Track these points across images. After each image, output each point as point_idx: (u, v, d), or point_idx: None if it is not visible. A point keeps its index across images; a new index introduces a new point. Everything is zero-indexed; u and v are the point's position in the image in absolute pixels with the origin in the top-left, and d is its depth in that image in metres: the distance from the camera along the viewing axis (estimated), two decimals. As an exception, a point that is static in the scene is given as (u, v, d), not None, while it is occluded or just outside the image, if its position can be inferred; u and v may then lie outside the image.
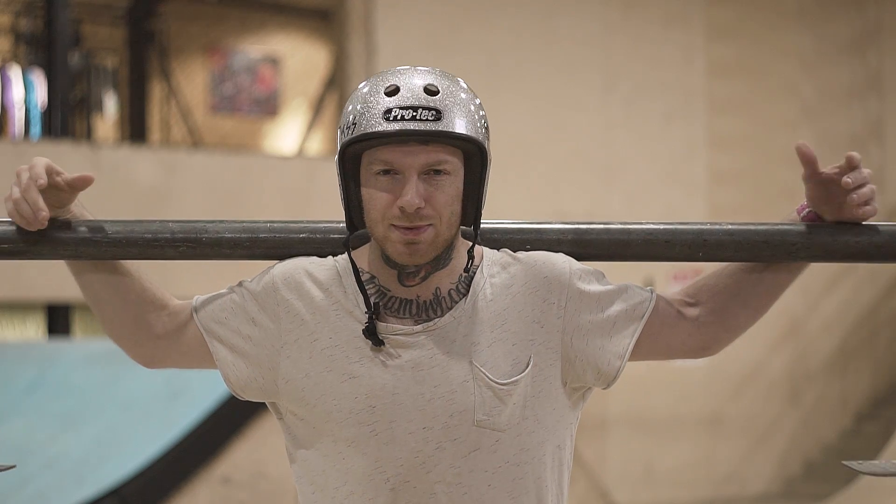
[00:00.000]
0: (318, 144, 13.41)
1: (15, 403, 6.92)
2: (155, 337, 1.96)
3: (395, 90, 1.82)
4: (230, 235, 1.99)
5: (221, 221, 2.00)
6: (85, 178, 1.85)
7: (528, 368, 1.89)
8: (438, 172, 1.84)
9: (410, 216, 1.82)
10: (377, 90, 1.83)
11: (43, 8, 10.88)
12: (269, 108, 14.45)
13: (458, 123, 1.82)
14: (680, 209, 11.38)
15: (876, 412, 12.14)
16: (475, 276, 1.91)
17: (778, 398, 12.02)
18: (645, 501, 11.22)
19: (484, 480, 1.86)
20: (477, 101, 1.88)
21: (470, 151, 1.86)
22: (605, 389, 1.97)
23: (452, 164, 1.84)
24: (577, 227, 2.02)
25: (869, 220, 1.95)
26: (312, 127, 13.45)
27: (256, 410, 5.85)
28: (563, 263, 1.95)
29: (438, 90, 1.82)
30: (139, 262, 1.98)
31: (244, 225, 2.00)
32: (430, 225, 1.84)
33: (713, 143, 11.87)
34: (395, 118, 1.80)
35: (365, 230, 1.90)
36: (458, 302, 1.90)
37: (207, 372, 2.03)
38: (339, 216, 2.06)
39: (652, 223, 2.02)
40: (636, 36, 11.59)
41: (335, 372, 1.88)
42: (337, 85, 11.68)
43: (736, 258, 1.99)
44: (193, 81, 14.07)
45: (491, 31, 10.99)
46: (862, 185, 1.89)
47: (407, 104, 1.81)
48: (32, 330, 10.71)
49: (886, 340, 12.48)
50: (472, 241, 1.91)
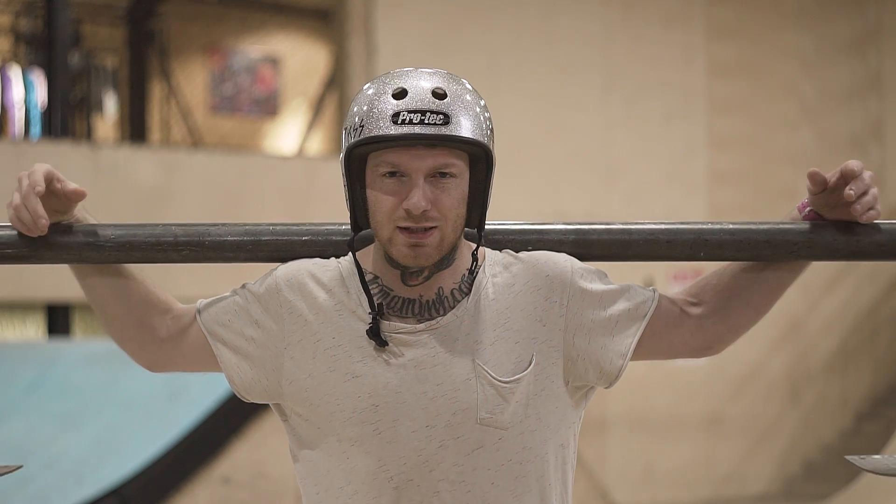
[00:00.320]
0: (318, 144, 13.41)
1: (15, 403, 6.92)
2: (159, 340, 1.97)
3: (402, 93, 1.82)
4: (233, 238, 1.99)
5: (224, 225, 2.01)
6: (78, 192, 1.87)
7: (530, 366, 1.89)
8: (444, 175, 1.84)
9: (416, 218, 1.82)
10: (384, 92, 1.83)
11: (43, 8, 10.87)
12: (269, 108, 14.45)
13: (465, 127, 1.83)
14: (680, 209, 11.38)
15: (876, 412, 12.12)
16: (478, 275, 1.92)
17: (778, 398, 12.01)
18: (645, 501, 11.22)
19: (487, 478, 1.87)
20: (482, 102, 1.88)
21: (476, 155, 1.87)
22: (606, 388, 1.98)
23: (458, 167, 1.85)
24: (578, 227, 2.02)
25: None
26: (312, 127, 13.45)
27: (256, 410, 5.84)
28: (565, 262, 1.95)
29: (446, 94, 1.83)
30: (142, 265, 1.98)
31: (246, 228, 2.00)
32: (435, 227, 1.84)
33: (713, 143, 11.87)
34: (403, 121, 1.80)
35: (368, 231, 1.91)
36: (460, 301, 1.90)
37: (207, 372, 2.03)
38: (339, 216, 2.07)
39: (653, 223, 2.02)
40: (636, 36, 11.58)
41: (338, 372, 1.88)
42: (337, 85, 11.67)
43: (737, 258, 1.99)
44: (193, 81, 14.07)
45: (491, 31, 10.98)
46: (864, 192, 1.90)
47: (415, 108, 1.81)
48: (32, 330, 10.70)
49: (886, 340, 12.48)
50: (476, 242, 1.92)
